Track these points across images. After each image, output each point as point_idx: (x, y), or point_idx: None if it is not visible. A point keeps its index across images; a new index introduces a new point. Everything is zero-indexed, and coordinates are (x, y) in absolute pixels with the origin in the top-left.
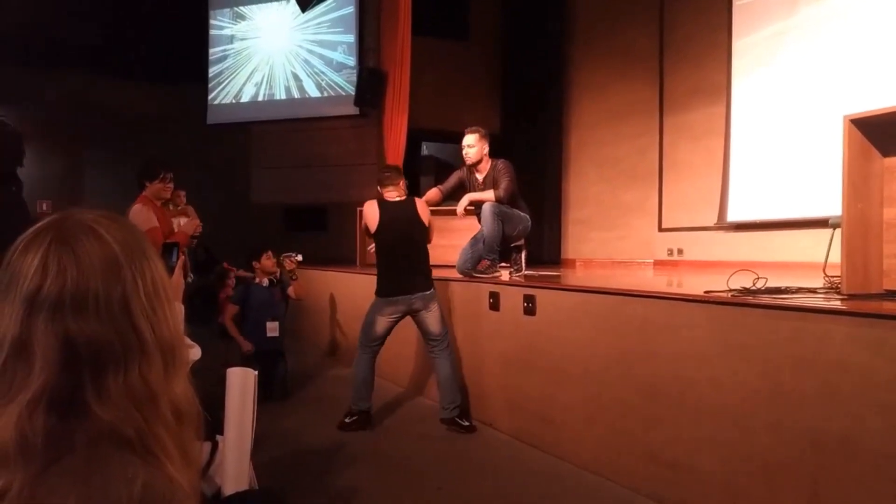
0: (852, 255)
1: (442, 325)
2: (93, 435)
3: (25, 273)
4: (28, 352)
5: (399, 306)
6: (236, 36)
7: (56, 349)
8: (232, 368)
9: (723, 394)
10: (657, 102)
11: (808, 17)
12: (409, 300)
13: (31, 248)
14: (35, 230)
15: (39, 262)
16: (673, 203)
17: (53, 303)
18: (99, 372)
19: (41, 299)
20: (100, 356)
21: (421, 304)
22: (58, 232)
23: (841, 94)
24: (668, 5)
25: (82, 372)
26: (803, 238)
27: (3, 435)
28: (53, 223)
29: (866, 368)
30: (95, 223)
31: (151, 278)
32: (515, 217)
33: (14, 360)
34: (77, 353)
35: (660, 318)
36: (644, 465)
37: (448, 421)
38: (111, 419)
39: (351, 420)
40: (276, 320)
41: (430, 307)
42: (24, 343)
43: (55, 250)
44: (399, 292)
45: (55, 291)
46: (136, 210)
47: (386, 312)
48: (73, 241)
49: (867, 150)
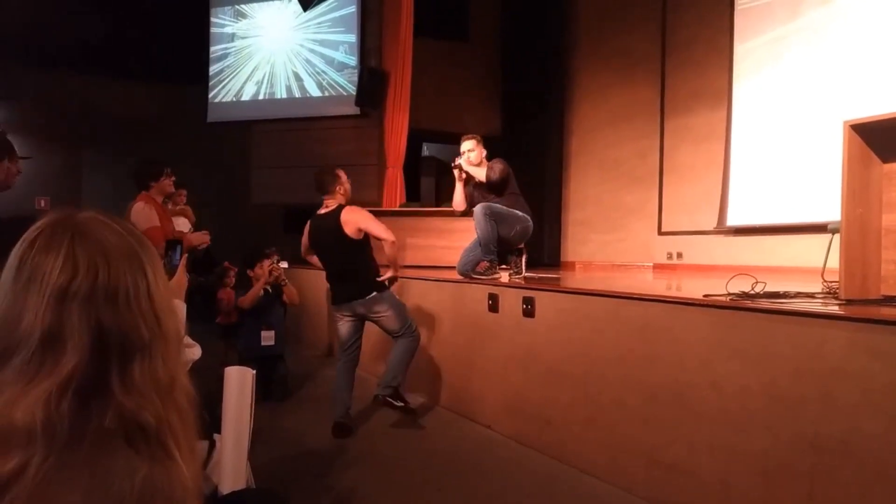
0: (851, 260)
1: (399, 322)
2: (110, 422)
3: (51, 269)
4: (59, 341)
5: (344, 311)
6: (237, 34)
7: (88, 338)
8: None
9: (722, 397)
10: (658, 105)
11: (810, 22)
12: (351, 307)
13: (52, 244)
14: (47, 226)
15: (66, 258)
16: (673, 206)
17: (86, 295)
18: (126, 359)
19: (73, 292)
20: (128, 344)
21: (364, 309)
22: (77, 228)
23: (841, 100)
24: (670, 8)
25: (110, 359)
26: (802, 243)
27: (31, 415)
28: (65, 220)
29: (864, 373)
30: (109, 220)
31: (161, 272)
32: (511, 217)
33: (42, 350)
34: (107, 342)
35: (659, 321)
36: (643, 467)
37: (379, 398)
38: (133, 405)
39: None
40: (272, 328)
41: (377, 310)
42: (55, 334)
43: (80, 245)
44: (339, 300)
45: (88, 285)
46: (137, 208)
47: (337, 318)
48: (98, 236)
49: (867, 156)
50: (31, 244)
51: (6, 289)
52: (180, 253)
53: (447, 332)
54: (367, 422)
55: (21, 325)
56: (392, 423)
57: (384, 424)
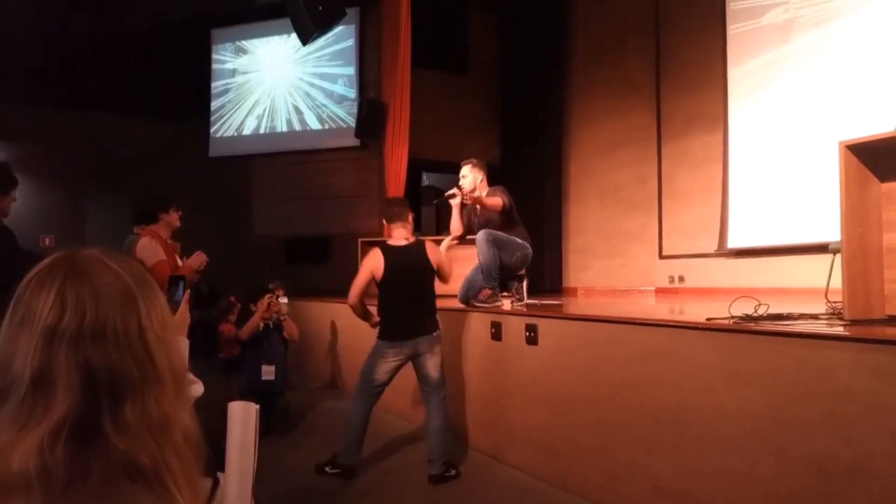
0: (853, 280)
1: (441, 372)
2: (107, 463)
3: (41, 309)
4: (49, 383)
5: (405, 350)
6: (238, 70)
7: (77, 379)
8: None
9: (727, 422)
10: (655, 131)
11: (801, 45)
12: (415, 343)
13: (45, 284)
14: (45, 267)
15: (56, 297)
16: (673, 230)
17: (73, 334)
18: (117, 400)
19: (61, 331)
20: (118, 385)
21: (426, 346)
22: (70, 267)
23: (838, 120)
24: (663, 35)
25: (101, 401)
26: (804, 263)
27: (25, 462)
28: (62, 259)
29: (871, 394)
30: (106, 257)
31: (161, 310)
32: (511, 244)
33: (34, 391)
34: (97, 383)
35: (662, 346)
36: (649, 495)
37: (436, 478)
38: (127, 447)
39: (332, 471)
40: (273, 364)
41: (434, 350)
42: (45, 374)
43: (71, 285)
44: (406, 336)
45: (75, 323)
46: (143, 244)
47: (389, 356)
48: (89, 275)
49: (864, 176)
50: (27, 284)
51: (4, 328)
52: (183, 289)
53: (449, 361)
54: (370, 455)
55: (13, 366)
56: (396, 456)
57: (388, 457)
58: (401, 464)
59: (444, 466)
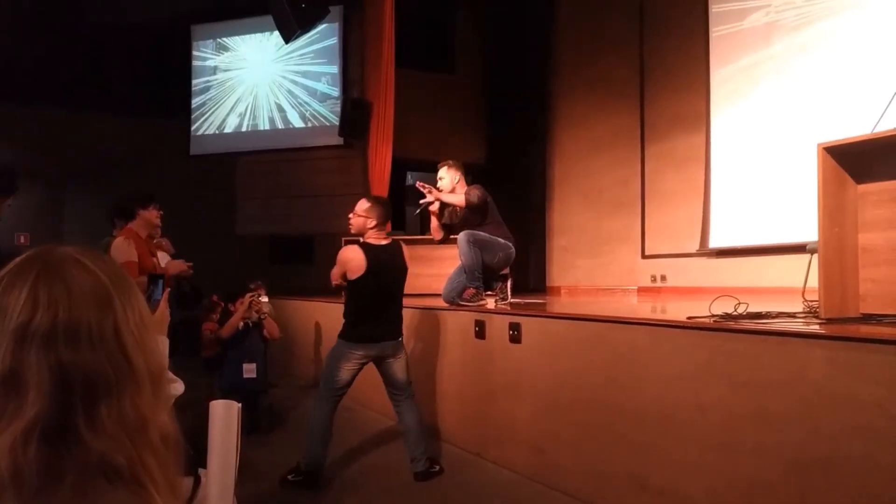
0: (829, 279)
1: (407, 374)
2: (83, 464)
3: (13, 307)
4: (20, 384)
5: (371, 352)
6: (219, 67)
7: (49, 379)
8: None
9: (708, 418)
10: (639, 132)
11: (783, 49)
12: (381, 346)
13: (17, 282)
14: (17, 265)
15: (28, 296)
16: (656, 230)
17: (45, 334)
18: (91, 401)
19: (32, 331)
20: (93, 385)
21: (391, 350)
22: (44, 265)
23: (816, 123)
24: (647, 37)
25: (75, 401)
26: (783, 263)
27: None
28: (36, 257)
29: (846, 391)
30: (81, 256)
31: (139, 309)
32: (493, 244)
33: (5, 392)
34: (70, 383)
35: (645, 344)
36: (632, 491)
37: (423, 475)
38: (102, 448)
39: (295, 479)
40: (253, 362)
41: (398, 353)
42: (16, 375)
43: (44, 283)
44: (375, 339)
45: (47, 323)
46: (116, 243)
47: (354, 358)
48: (63, 273)
49: (841, 178)
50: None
51: None
52: (162, 287)
53: (433, 360)
54: (353, 452)
55: None
56: (380, 454)
57: (372, 454)
58: (384, 461)
59: (427, 462)
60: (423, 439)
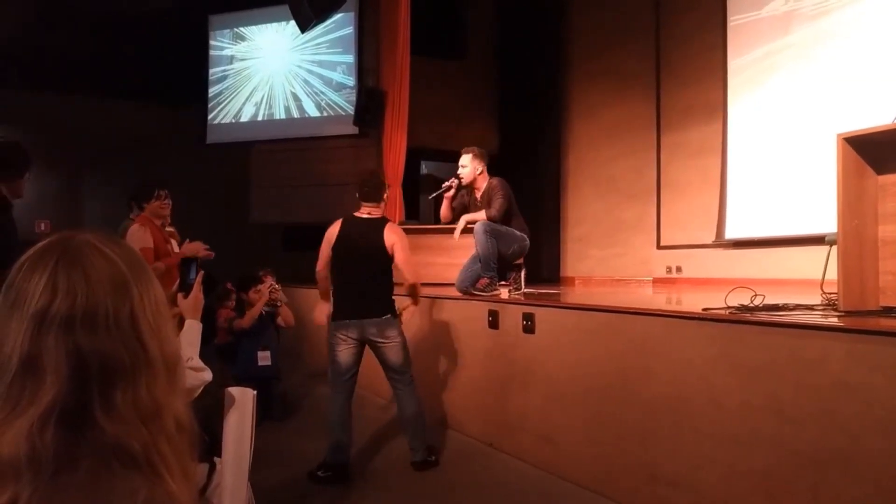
0: (849, 271)
1: (404, 358)
2: (98, 449)
3: (33, 292)
4: (38, 368)
5: (351, 330)
6: (236, 56)
7: (67, 364)
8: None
9: (722, 411)
10: (654, 121)
11: (802, 37)
12: (361, 325)
13: (38, 267)
14: (38, 250)
15: (47, 281)
16: (671, 221)
17: (64, 319)
18: (107, 386)
19: (51, 316)
20: (109, 371)
21: (374, 330)
22: (64, 251)
23: (836, 112)
24: (663, 25)
25: (91, 386)
26: (801, 255)
27: (14, 447)
28: (57, 243)
29: (865, 385)
30: (100, 242)
31: (155, 296)
32: (509, 235)
33: (23, 376)
34: (87, 368)
35: (659, 335)
36: (644, 483)
37: (420, 464)
38: (117, 433)
39: (325, 474)
40: (268, 349)
41: (388, 335)
42: (34, 359)
43: (63, 269)
44: (350, 315)
45: (65, 308)
46: (133, 230)
47: (339, 338)
48: (82, 260)
49: (861, 168)
50: (19, 267)
51: None
52: (195, 271)
53: (446, 349)
54: (364, 439)
55: (3, 349)
56: (393, 443)
57: (385, 444)
58: (391, 447)
59: (425, 452)
60: (423, 430)
